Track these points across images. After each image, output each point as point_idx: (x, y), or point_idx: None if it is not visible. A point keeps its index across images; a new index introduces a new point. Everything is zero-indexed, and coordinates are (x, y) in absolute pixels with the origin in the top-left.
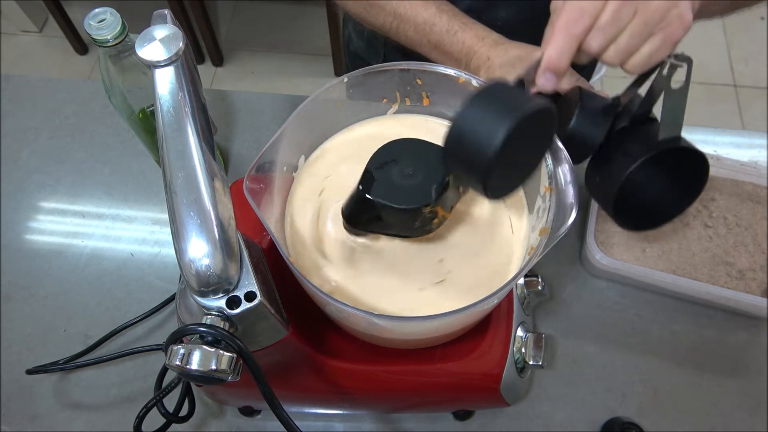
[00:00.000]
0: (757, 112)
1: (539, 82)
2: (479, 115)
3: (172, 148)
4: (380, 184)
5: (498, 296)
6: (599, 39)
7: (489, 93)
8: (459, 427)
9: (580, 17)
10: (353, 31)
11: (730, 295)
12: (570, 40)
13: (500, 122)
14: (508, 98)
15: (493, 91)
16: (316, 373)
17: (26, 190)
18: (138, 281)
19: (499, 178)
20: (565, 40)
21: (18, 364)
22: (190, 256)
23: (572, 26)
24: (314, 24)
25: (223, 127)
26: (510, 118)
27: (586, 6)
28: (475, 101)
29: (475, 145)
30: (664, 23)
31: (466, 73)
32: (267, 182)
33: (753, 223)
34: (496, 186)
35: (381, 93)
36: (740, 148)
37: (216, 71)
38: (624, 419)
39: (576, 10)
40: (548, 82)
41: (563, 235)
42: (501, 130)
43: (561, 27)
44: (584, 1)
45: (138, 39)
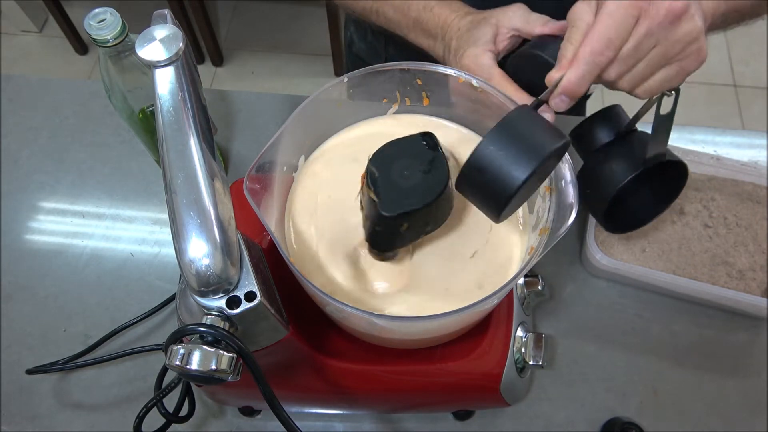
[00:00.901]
0: (757, 112)
1: (553, 102)
2: (503, 150)
3: (172, 148)
4: (393, 195)
5: (498, 296)
6: (618, 69)
7: (513, 124)
8: (459, 427)
9: (606, 49)
10: (355, 33)
11: (730, 295)
12: (592, 69)
13: (524, 161)
14: (532, 133)
15: (516, 123)
16: (316, 373)
17: (26, 190)
18: (138, 281)
19: (511, 206)
20: (587, 68)
21: (18, 364)
22: (190, 256)
23: (597, 57)
24: (314, 24)
25: (223, 127)
26: (534, 158)
27: (614, 38)
28: (498, 133)
29: (496, 179)
30: (682, 55)
31: (465, 73)
32: (267, 182)
33: (753, 223)
34: (506, 213)
35: (381, 93)
36: (740, 148)
37: (216, 71)
38: (624, 419)
39: (603, 41)
40: (562, 103)
41: (563, 235)
42: (525, 169)
43: (585, 55)
44: (611, 32)
45: (138, 39)
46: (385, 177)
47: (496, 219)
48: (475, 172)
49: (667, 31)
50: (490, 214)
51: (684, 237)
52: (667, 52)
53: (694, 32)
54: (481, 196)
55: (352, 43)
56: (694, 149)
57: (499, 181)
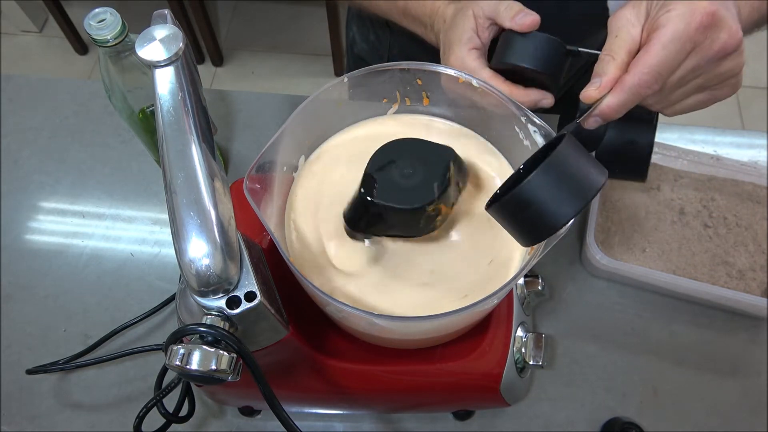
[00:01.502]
0: (757, 112)
1: (588, 123)
2: (553, 187)
3: (172, 148)
4: (382, 186)
5: (498, 296)
6: (656, 96)
7: (563, 159)
8: (459, 427)
9: (654, 83)
10: (357, 33)
11: (730, 295)
12: (635, 99)
13: (573, 201)
14: (580, 169)
15: (566, 158)
16: (316, 373)
17: (26, 190)
18: (138, 281)
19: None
20: (630, 98)
21: (18, 364)
22: (190, 256)
23: (643, 89)
24: (314, 24)
25: (223, 127)
26: (583, 198)
27: (664, 73)
28: (548, 169)
29: (541, 215)
30: (719, 86)
31: (465, 74)
32: (267, 182)
33: (753, 223)
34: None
35: (381, 93)
36: (740, 148)
37: (216, 71)
38: (624, 419)
39: (653, 75)
40: (594, 124)
41: (563, 235)
42: (573, 209)
43: (632, 85)
44: (663, 67)
45: (138, 39)
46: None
47: (526, 245)
48: (521, 204)
49: (714, 66)
50: (522, 240)
51: (684, 237)
52: (707, 83)
53: (737, 68)
54: (518, 226)
55: (354, 44)
56: (694, 149)
57: (545, 217)
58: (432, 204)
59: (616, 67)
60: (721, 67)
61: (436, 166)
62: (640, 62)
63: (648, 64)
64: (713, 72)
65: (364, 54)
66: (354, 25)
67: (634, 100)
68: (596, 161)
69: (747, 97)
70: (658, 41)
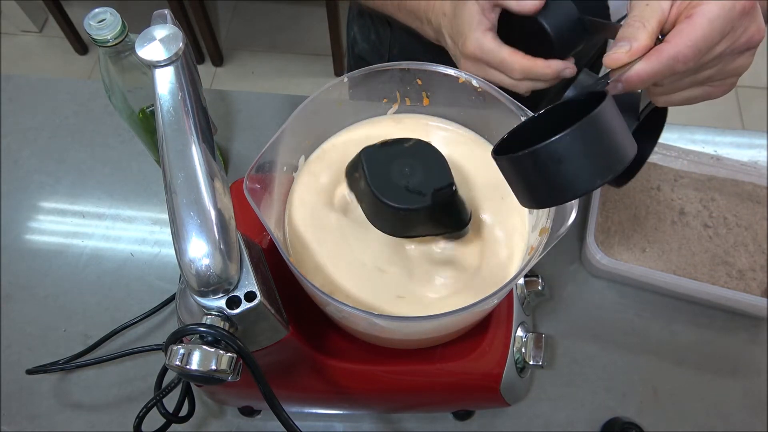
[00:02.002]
0: (757, 112)
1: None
2: (584, 148)
3: (172, 148)
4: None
5: (498, 296)
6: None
7: (603, 120)
8: (459, 427)
9: (693, 58)
10: (358, 33)
11: (730, 295)
12: (667, 72)
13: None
14: (617, 135)
15: (606, 119)
16: (316, 373)
17: (26, 190)
18: (138, 281)
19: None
20: (663, 70)
21: (18, 364)
22: (190, 256)
23: (680, 63)
24: (314, 24)
25: (223, 127)
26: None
27: (703, 49)
28: (585, 129)
29: (563, 177)
30: (719, 83)
31: (465, 73)
32: (267, 182)
33: (753, 223)
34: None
35: (381, 93)
36: (740, 148)
37: (216, 71)
38: (624, 419)
39: (693, 50)
40: (615, 91)
41: (563, 235)
42: (597, 180)
43: (669, 56)
44: (705, 42)
45: (138, 39)
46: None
47: (530, 206)
48: (547, 160)
49: (731, 58)
50: (528, 200)
51: (684, 237)
52: (714, 76)
53: (744, 68)
54: (532, 183)
55: (355, 44)
56: (694, 149)
57: (568, 180)
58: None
59: (647, 35)
60: (736, 62)
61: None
62: (683, 33)
63: (691, 37)
64: (727, 65)
65: (365, 54)
66: (355, 24)
67: (666, 73)
68: (629, 131)
69: (747, 97)
70: (703, 16)
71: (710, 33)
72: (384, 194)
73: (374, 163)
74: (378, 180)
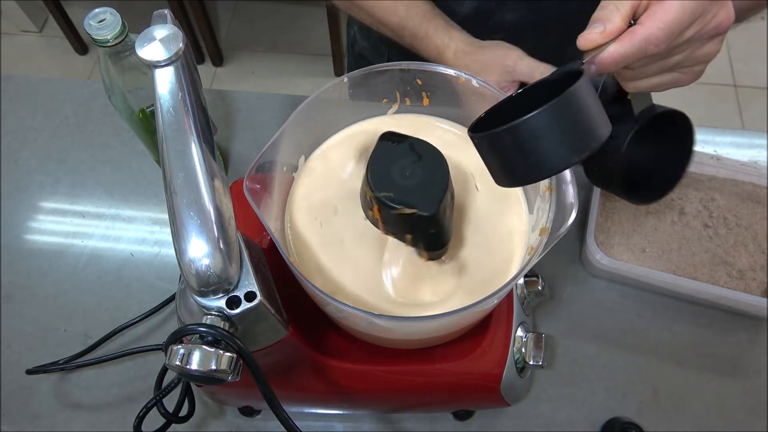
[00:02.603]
0: (757, 112)
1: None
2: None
3: (172, 148)
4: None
5: (498, 296)
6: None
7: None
8: (459, 427)
9: (664, 40)
10: (358, 32)
11: (730, 295)
12: (639, 54)
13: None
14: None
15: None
16: (316, 373)
17: (26, 190)
18: (138, 281)
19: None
20: (636, 51)
21: (18, 364)
22: (190, 256)
23: (651, 45)
24: (314, 24)
25: (223, 127)
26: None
27: (675, 31)
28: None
29: (538, 153)
30: (688, 70)
31: (465, 73)
32: (267, 182)
33: (753, 223)
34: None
35: (381, 93)
36: (740, 148)
37: (216, 71)
38: (624, 419)
39: (665, 32)
40: (589, 72)
41: (563, 235)
42: (573, 157)
43: (643, 39)
44: (677, 25)
45: (138, 39)
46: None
47: (507, 185)
48: (523, 136)
49: (700, 44)
50: (503, 178)
51: (684, 237)
52: (681, 63)
53: (712, 55)
54: (507, 160)
55: (355, 42)
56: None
57: (544, 157)
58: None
59: (621, 17)
60: (705, 47)
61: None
62: (655, 16)
63: (663, 20)
64: (695, 51)
65: (365, 52)
66: (355, 23)
67: (639, 54)
68: (603, 111)
69: (747, 97)
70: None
71: (682, 16)
72: (374, 180)
73: (385, 148)
74: (377, 164)
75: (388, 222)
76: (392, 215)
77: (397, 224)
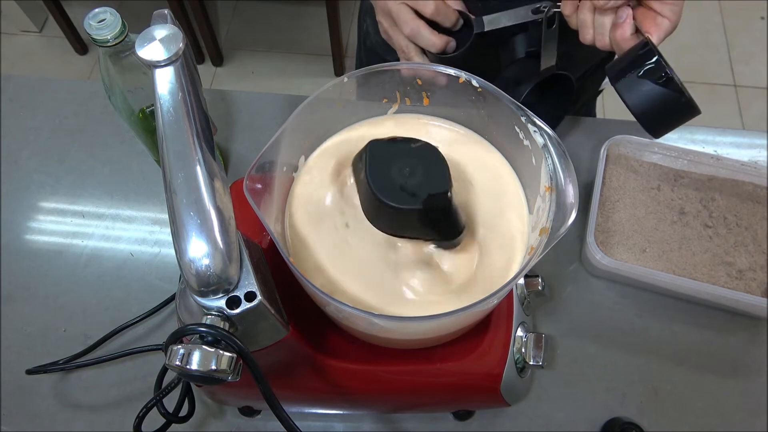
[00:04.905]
0: (757, 112)
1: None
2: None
3: (172, 148)
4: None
5: (498, 296)
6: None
7: None
8: (459, 427)
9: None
10: (371, 26)
11: (730, 295)
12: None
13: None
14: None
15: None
16: (316, 373)
17: (26, 190)
18: (138, 281)
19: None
20: None
21: (18, 364)
22: (190, 256)
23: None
24: (314, 24)
25: (223, 127)
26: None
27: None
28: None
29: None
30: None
31: (466, 74)
32: (267, 182)
33: (753, 223)
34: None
35: (381, 93)
36: (740, 148)
37: (216, 71)
38: (624, 419)
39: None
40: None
41: (563, 235)
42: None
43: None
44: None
45: (138, 39)
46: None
47: (655, 132)
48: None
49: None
50: (651, 123)
51: (684, 237)
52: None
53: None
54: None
55: (368, 36)
56: (694, 149)
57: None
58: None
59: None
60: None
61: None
62: None
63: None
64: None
65: (377, 47)
66: (368, 17)
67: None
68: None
69: (747, 97)
70: None
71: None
72: (379, 189)
73: (377, 157)
74: (376, 173)
75: (405, 226)
76: (408, 218)
77: (413, 225)
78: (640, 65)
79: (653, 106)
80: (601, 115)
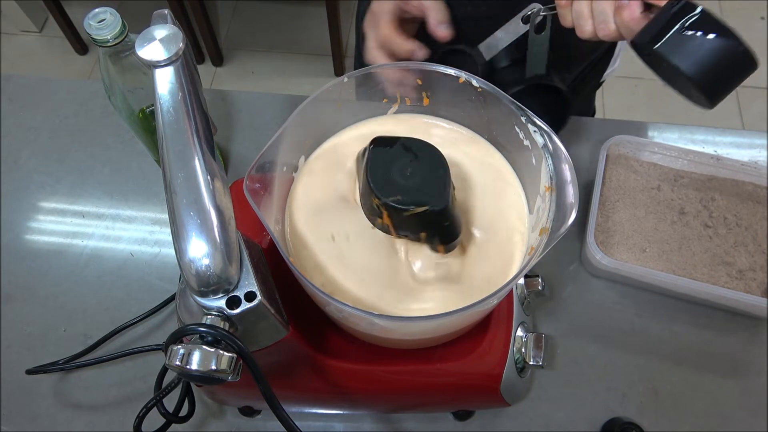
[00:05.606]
0: (757, 112)
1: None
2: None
3: (172, 148)
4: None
5: (498, 296)
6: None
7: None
8: (459, 427)
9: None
10: None
11: (730, 295)
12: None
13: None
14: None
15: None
16: (316, 373)
17: (26, 190)
18: (138, 281)
19: None
20: None
21: (18, 364)
22: (190, 256)
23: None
24: (314, 24)
25: (223, 127)
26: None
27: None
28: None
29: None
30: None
31: (466, 74)
32: (267, 182)
33: (753, 223)
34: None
35: (381, 93)
36: (740, 148)
37: (216, 71)
38: (624, 419)
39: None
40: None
41: (563, 235)
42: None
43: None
44: None
45: (138, 39)
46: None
47: (712, 97)
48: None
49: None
50: (705, 88)
51: (684, 237)
52: None
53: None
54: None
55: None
56: (694, 149)
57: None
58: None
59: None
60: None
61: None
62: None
63: None
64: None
65: None
66: None
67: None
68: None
69: (747, 97)
70: None
71: None
72: (378, 188)
73: (378, 156)
74: (376, 173)
75: (401, 226)
76: (404, 218)
77: (411, 225)
78: (680, 21)
79: (709, 63)
80: (600, 115)
